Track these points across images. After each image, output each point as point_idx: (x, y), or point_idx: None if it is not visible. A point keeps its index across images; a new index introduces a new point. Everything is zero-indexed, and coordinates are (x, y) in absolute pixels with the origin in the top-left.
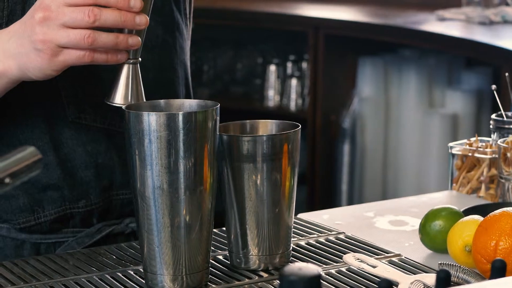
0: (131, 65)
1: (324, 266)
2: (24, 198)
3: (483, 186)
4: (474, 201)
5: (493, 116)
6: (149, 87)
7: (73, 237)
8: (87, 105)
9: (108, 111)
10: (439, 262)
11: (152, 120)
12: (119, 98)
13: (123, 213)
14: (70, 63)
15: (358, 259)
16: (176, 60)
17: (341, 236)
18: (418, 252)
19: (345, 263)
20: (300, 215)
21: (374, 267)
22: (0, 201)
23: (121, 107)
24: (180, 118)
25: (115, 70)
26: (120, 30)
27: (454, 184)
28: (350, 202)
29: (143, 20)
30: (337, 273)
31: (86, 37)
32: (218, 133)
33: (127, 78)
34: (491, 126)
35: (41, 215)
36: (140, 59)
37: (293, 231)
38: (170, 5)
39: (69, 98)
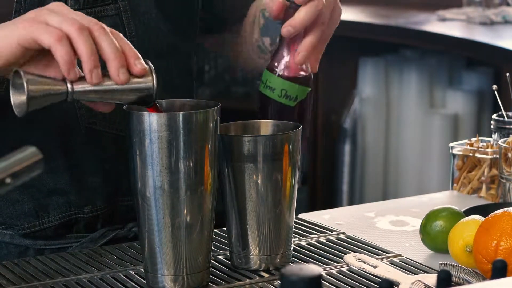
0: None
1: (325, 266)
2: (29, 203)
3: (484, 186)
4: (475, 201)
5: (494, 116)
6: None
7: (77, 242)
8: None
9: (117, 116)
10: (440, 262)
11: (153, 120)
12: None
13: (127, 218)
14: (43, 39)
15: (359, 259)
16: (183, 65)
17: (342, 236)
18: (419, 252)
19: (346, 263)
20: (301, 215)
21: (375, 267)
22: (4, 205)
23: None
24: (181, 118)
25: None
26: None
27: (455, 184)
28: (351, 202)
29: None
30: (338, 273)
31: (75, 24)
32: (219, 133)
33: None
34: (492, 126)
35: (45, 220)
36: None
37: (294, 231)
38: (179, 11)
39: (80, 103)
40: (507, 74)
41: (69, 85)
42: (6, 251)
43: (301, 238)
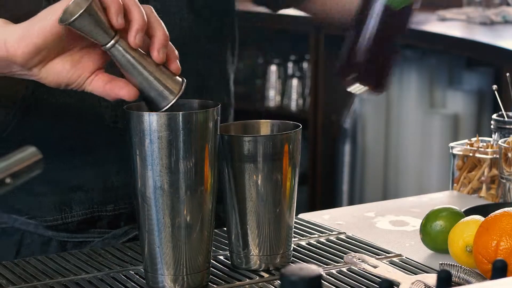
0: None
1: (325, 266)
2: (52, 197)
3: (484, 186)
4: (475, 201)
5: (494, 116)
6: (190, 95)
7: (100, 237)
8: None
9: None
10: (440, 262)
11: (153, 120)
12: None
13: None
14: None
15: (359, 259)
16: (218, 68)
17: (342, 236)
18: (419, 252)
19: (346, 263)
20: (301, 215)
21: (375, 267)
22: (28, 197)
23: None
24: (181, 118)
25: None
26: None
27: (455, 184)
28: (351, 202)
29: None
30: (338, 273)
31: None
32: (219, 133)
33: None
34: (492, 126)
35: (68, 215)
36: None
37: (294, 231)
38: (214, 13)
39: (106, 102)
40: (507, 74)
41: (115, 39)
42: (30, 240)
43: (301, 238)
